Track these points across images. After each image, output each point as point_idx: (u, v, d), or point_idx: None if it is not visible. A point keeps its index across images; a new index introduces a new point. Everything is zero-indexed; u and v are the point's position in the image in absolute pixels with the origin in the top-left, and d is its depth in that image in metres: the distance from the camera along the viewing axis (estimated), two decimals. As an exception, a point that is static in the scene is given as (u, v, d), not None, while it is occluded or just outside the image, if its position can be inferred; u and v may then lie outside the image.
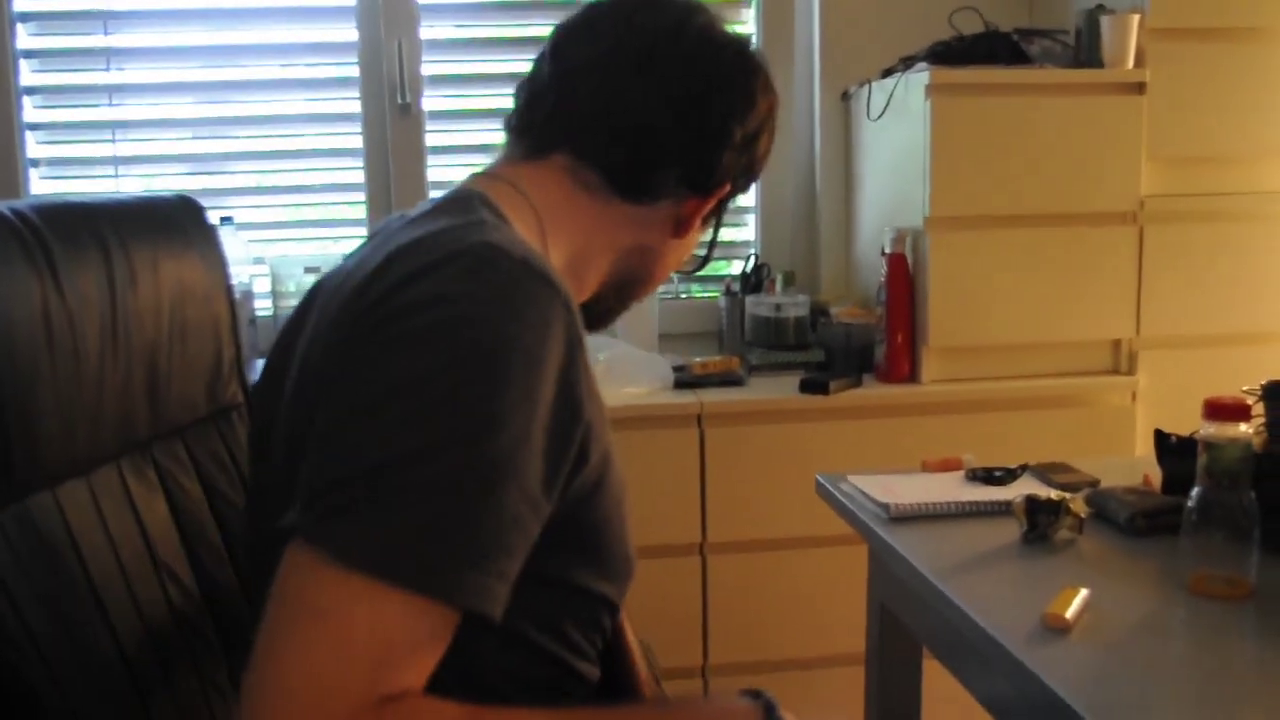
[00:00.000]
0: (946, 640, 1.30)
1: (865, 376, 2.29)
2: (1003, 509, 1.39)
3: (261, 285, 2.39)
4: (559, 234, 0.97)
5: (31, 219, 1.07)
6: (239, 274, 2.30)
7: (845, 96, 2.58)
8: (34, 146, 2.44)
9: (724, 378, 2.28)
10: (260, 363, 1.07)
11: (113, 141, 2.46)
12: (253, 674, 0.67)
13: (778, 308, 2.42)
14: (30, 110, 2.44)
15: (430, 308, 0.75)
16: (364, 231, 2.51)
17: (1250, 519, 1.14)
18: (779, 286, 2.49)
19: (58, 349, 1.06)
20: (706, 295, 2.65)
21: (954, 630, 1.16)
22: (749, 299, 2.44)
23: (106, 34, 2.44)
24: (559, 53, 1.02)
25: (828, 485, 1.56)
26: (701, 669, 2.20)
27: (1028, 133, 2.17)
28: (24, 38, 2.43)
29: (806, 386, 2.21)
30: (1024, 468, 1.55)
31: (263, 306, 2.38)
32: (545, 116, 1.00)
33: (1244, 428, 1.14)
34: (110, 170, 2.47)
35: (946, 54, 2.23)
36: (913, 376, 2.26)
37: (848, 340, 2.37)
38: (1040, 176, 2.18)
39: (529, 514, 0.75)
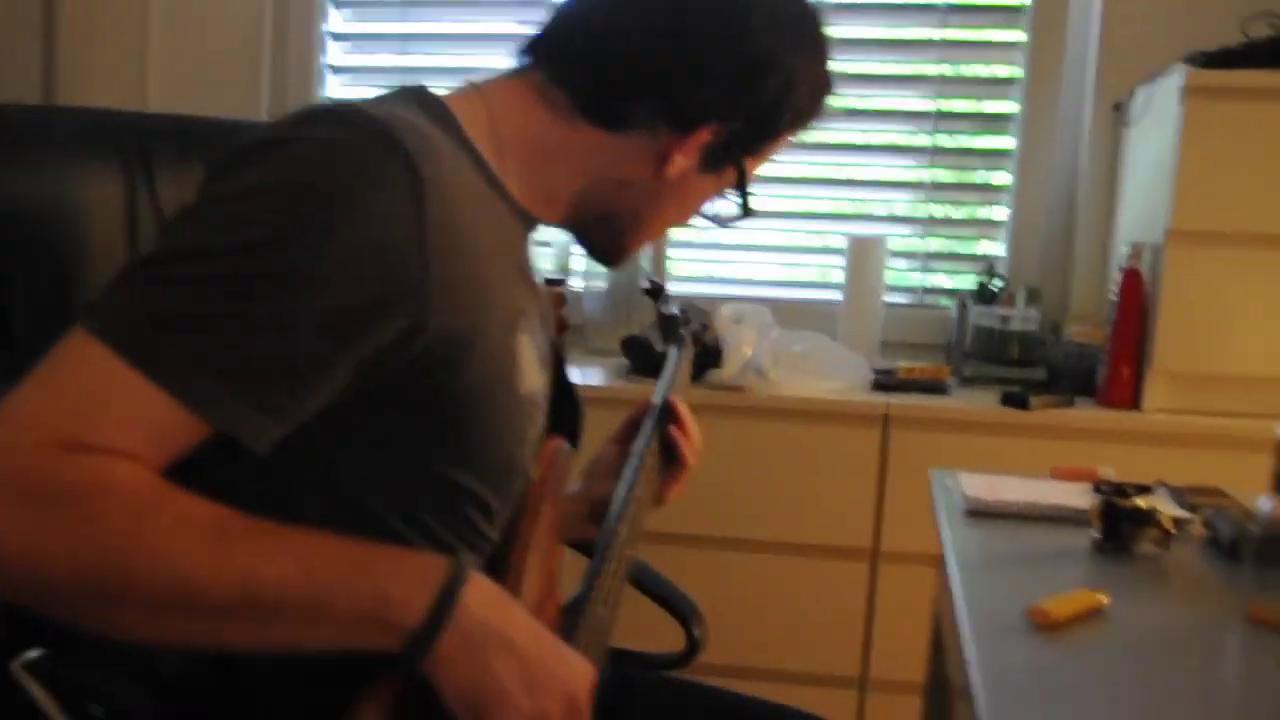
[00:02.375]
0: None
1: (1083, 400, 2.10)
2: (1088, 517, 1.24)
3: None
4: (513, 145, 0.96)
5: (139, 127, 1.21)
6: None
7: (1118, 108, 2.37)
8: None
9: (928, 385, 2.17)
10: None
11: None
12: None
13: (1004, 320, 2.26)
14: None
15: (260, 147, 0.80)
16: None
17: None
18: (1019, 303, 2.33)
19: (141, 247, 1.18)
20: (940, 305, 2.52)
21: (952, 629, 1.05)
22: (975, 309, 2.31)
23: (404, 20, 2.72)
24: None
25: (935, 481, 1.46)
26: (859, 680, 2.10)
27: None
28: (334, 53, 2.73)
29: (1008, 400, 2.06)
30: (1161, 484, 1.38)
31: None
32: (534, 34, 1.01)
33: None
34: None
35: (1216, 57, 2.01)
36: (1135, 403, 2.04)
37: (1078, 360, 2.19)
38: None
39: (291, 346, 0.75)
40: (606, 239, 1.07)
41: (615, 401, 1.35)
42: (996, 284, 2.37)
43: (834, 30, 1.04)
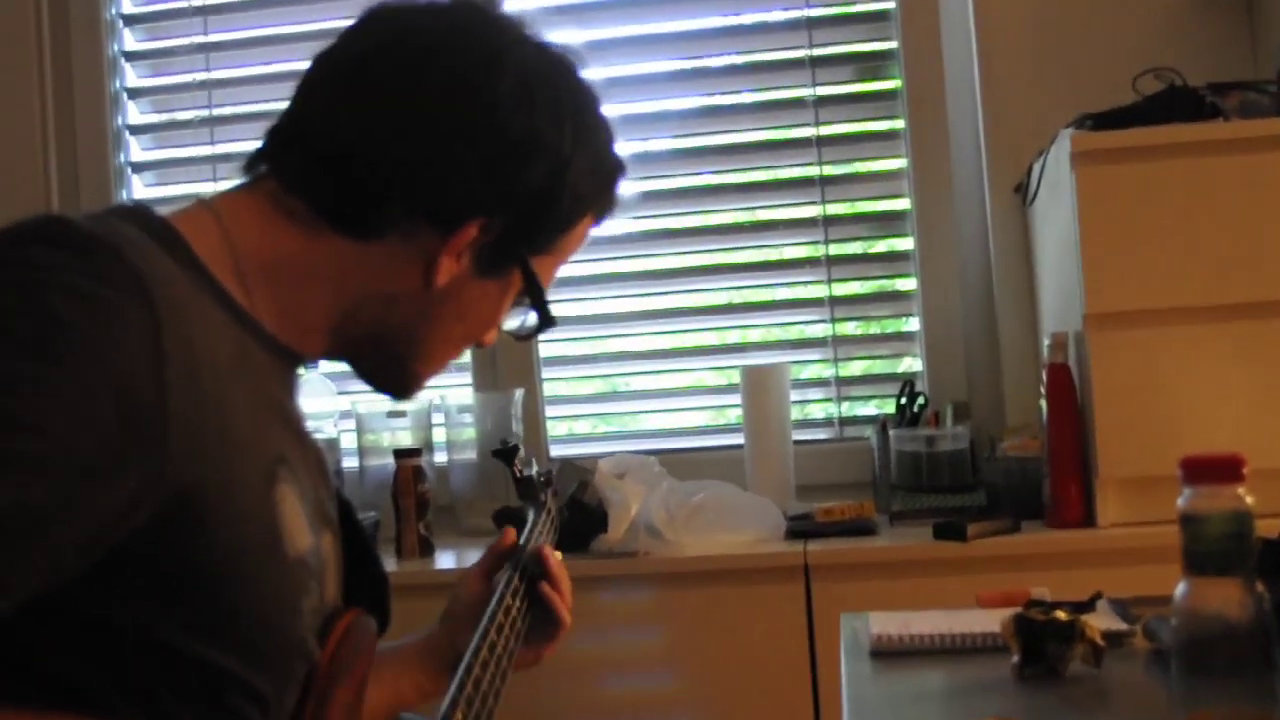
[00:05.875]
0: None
1: (1031, 523, 2.08)
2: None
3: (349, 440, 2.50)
4: (256, 269, 0.95)
5: None
6: (324, 426, 2.42)
7: (1019, 189, 2.44)
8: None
9: (852, 526, 2.14)
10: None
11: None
12: None
13: (930, 441, 2.26)
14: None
15: None
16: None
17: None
18: (947, 421, 2.33)
19: None
20: (859, 438, 2.51)
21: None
22: (894, 434, 2.30)
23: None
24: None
25: (844, 625, 1.42)
26: None
27: (1212, 202, 1.95)
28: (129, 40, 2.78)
29: (941, 532, 2.03)
30: (1098, 596, 1.35)
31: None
32: (263, 142, 1.00)
33: (1240, 491, 0.94)
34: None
35: (1105, 118, 2.08)
36: (1089, 519, 2.03)
37: (1020, 477, 2.18)
38: (1234, 256, 1.95)
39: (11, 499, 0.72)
40: (384, 366, 1.06)
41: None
42: (920, 403, 2.38)
43: (706, 139, 1.06)
